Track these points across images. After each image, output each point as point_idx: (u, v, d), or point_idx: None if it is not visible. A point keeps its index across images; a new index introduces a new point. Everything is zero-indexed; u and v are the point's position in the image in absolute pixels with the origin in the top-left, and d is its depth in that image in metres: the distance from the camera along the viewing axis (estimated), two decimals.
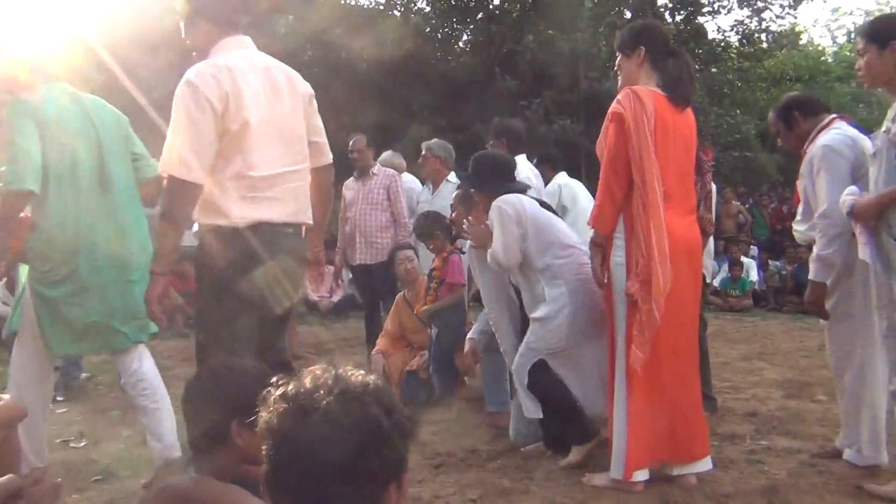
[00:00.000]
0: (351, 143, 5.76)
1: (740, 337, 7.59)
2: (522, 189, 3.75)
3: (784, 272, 10.15)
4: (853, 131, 3.21)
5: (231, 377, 1.83)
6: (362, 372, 1.22)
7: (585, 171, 9.98)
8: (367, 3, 14.29)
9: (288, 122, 2.78)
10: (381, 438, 1.15)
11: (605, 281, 3.15)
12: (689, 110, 3.22)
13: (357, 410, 1.14)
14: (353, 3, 14.26)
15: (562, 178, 5.19)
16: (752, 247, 11.38)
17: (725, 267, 10.20)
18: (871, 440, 3.18)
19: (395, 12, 13.88)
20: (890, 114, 2.87)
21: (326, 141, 3.03)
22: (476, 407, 4.49)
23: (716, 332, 7.87)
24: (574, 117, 11.95)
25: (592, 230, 3.15)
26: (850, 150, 3.10)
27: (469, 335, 4.25)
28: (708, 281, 4.12)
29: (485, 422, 4.16)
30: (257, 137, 2.64)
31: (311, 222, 2.94)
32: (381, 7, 13.81)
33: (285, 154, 2.75)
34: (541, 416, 3.47)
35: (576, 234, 4.22)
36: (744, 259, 10.21)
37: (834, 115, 3.33)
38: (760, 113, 16.31)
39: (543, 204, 3.79)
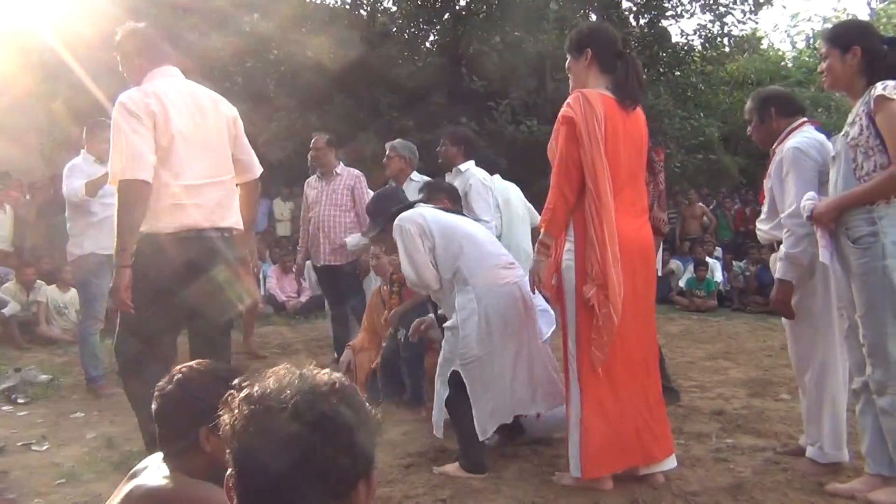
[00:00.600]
0: (312, 141, 5.70)
1: (706, 337, 7.70)
2: (411, 205, 3.73)
3: (747, 273, 10.31)
4: (821, 136, 3.29)
5: (200, 381, 1.79)
6: (328, 371, 1.20)
7: None
8: (334, 2, 14.22)
9: (212, 138, 3.16)
10: (350, 436, 1.13)
11: (553, 283, 3.17)
12: (639, 111, 3.25)
13: (325, 409, 1.13)
14: (318, 1, 14.16)
15: (496, 180, 5.28)
16: (716, 248, 11.54)
17: (691, 268, 10.34)
18: (833, 438, 3.25)
19: (362, 11, 13.82)
20: (849, 118, 2.94)
21: (253, 158, 3.45)
22: None
23: (682, 332, 7.98)
24: (541, 118, 11.98)
25: (543, 231, 3.14)
26: (818, 154, 3.18)
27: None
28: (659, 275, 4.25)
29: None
30: (183, 151, 3.02)
31: (238, 227, 3.29)
32: (348, 6, 13.74)
33: (209, 166, 3.13)
34: (440, 435, 3.48)
35: (511, 234, 4.26)
36: (709, 260, 10.35)
37: (805, 119, 3.40)
38: (723, 116, 16.57)
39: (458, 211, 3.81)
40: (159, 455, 1.81)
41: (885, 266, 2.74)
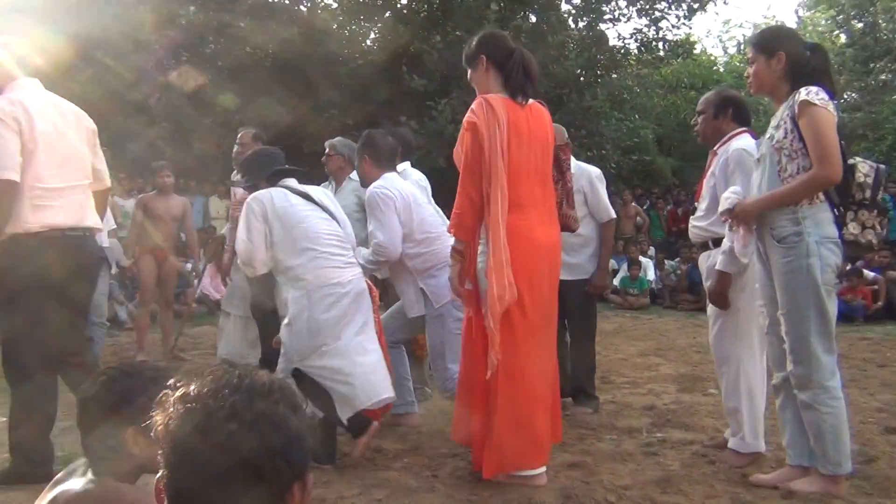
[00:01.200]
0: (238, 136, 5.53)
1: (638, 334, 7.88)
2: (293, 175, 3.76)
3: (679, 272, 10.59)
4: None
5: (125, 382, 1.75)
6: (266, 372, 1.19)
7: None
8: None
9: (73, 146, 3.38)
10: (287, 437, 1.12)
11: (467, 288, 3.22)
12: (543, 111, 3.32)
13: (263, 409, 1.11)
14: None
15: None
16: (650, 247, 11.82)
17: (624, 266, 10.57)
18: (752, 429, 3.41)
19: (302, 7, 13.65)
20: (773, 121, 3.06)
21: (106, 168, 3.69)
22: None
23: (615, 329, 8.14)
24: None
25: (453, 237, 3.18)
26: None
27: None
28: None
29: (390, 421, 4.15)
30: (46, 156, 3.20)
31: (98, 227, 3.56)
32: (287, 2, 13.56)
33: (70, 171, 3.35)
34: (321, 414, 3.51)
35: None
36: (642, 259, 10.60)
37: (745, 129, 3.57)
38: (658, 118, 16.98)
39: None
40: (83, 461, 1.76)
41: (808, 265, 2.86)
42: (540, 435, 3.14)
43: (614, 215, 4.64)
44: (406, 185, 4.16)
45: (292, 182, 3.74)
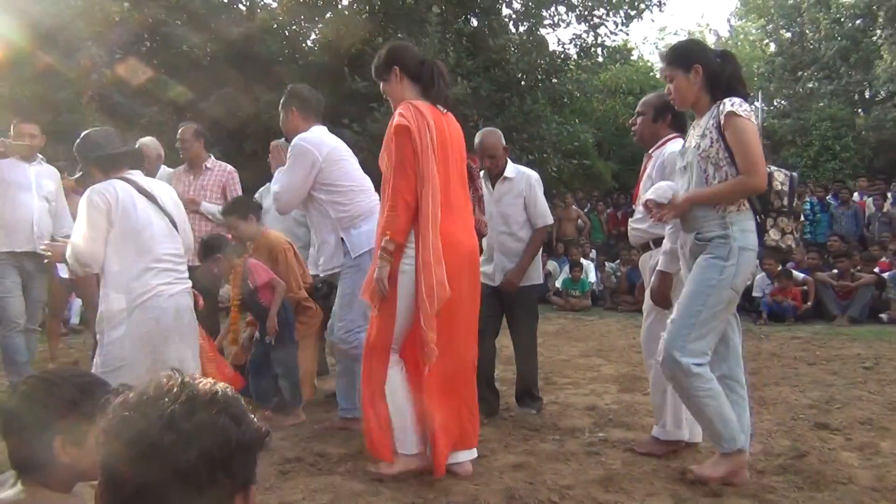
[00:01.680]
0: (179, 131, 5.43)
1: (580, 335, 7.98)
2: (132, 162, 3.50)
3: (619, 273, 10.78)
4: None
5: (48, 391, 1.68)
6: (211, 380, 1.16)
7: None
8: None
9: None
10: (229, 449, 1.09)
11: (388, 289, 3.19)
12: (453, 118, 3.38)
13: (204, 419, 1.08)
14: None
15: None
16: (591, 250, 12.00)
17: (566, 268, 10.70)
18: (674, 418, 3.60)
19: (241, 6, 13.43)
20: (697, 130, 3.15)
21: None
22: (327, 410, 4.44)
23: (558, 330, 8.24)
24: None
25: (387, 237, 3.14)
26: None
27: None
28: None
29: (335, 426, 4.11)
30: None
31: None
32: (226, 1, 13.32)
33: None
34: None
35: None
36: (583, 261, 10.74)
37: (679, 135, 3.67)
38: (597, 122, 17.26)
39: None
40: (13, 472, 1.68)
41: (725, 266, 2.98)
42: (451, 429, 3.23)
43: (551, 221, 4.68)
44: (334, 138, 4.07)
45: (137, 176, 3.49)
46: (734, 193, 2.99)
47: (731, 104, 2.96)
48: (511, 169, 4.42)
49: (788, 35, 23.72)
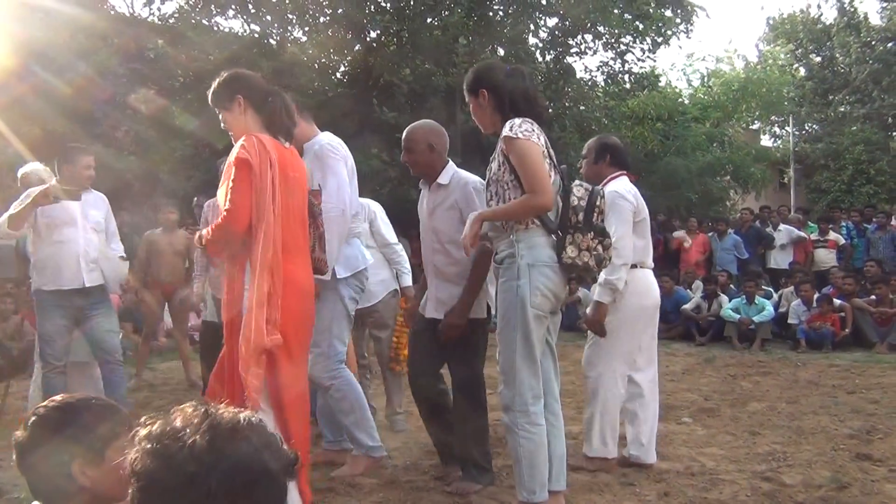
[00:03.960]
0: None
1: None
2: None
3: None
4: (632, 186, 3.86)
5: (62, 418, 1.69)
6: (235, 409, 1.17)
7: None
8: (242, 30, 14.06)
9: None
10: (252, 477, 1.10)
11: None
12: (297, 155, 3.22)
13: (226, 449, 1.10)
14: (226, 30, 13.98)
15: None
16: None
17: None
18: (601, 437, 3.77)
19: (271, 41, 13.71)
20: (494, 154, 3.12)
21: None
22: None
23: None
24: (451, 150, 12.13)
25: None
26: (634, 198, 3.76)
27: None
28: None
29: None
30: None
31: None
32: (257, 35, 13.61)
33: None
34: None
35: None
36: None
37: (624, 172, 3.91)
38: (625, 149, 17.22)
39: None
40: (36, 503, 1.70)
41: (518, 286, 2.95)
42: None
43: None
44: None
45: None
46: (521, 212, 2.96)
47: (509, 128, 2.95)
48: (446, 174, 3.65)
49: (818, 59, 23.56)
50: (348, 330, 3.82)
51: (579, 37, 14.33)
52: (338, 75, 13.98)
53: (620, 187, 3.74)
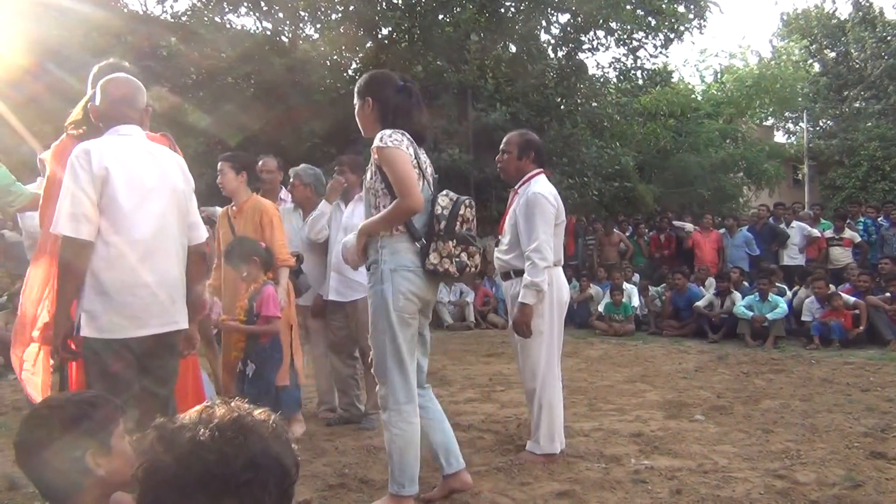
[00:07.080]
0: (260, 163, 5.32)
1: (624, 360, 7.86)
2: None
3: (663, 297, 10.62)
4: (552, 187, 3.95)
5: (50, 413, 1.71)
6: (248, 406, 1.21)
7: (475, 198, 10.15)
8: (254, 28, 14.11)
9: None
10: (269, 472, 1.14)
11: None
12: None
13: (224, 448, 1.13)
14: (239, 27, 14.03)
15: None
16: (634, 273, 11.84)
17: (608, 293, 10.58)
18: (548, 434, 3.87)
19: (283, 38, 13.75)
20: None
21: None
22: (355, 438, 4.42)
23: (601, 356, 8.13)
24: (463, 147, 12.14)
25: None
26: (556, 200, 3.88)
27: None
28: None
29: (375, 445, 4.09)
30: None
31: None
32: (269, 33, 13.65)
33: None
34: None
35: None
36: (626, 285, 10.61)
37: (542, 171, 4.01)
38: (638, 145, 17.16)
39: None
40: None
41: (382, 290, 3.05)
42: None
43: (205, 236, 3.14)
44: None
45: None
46: (393, 217, 3.03)
47: (379, 139, 3.04)
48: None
49: (833, 55, 23.37)
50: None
51: (591, 33, 14.27)
52: (349, 72, 13.99)
53: (544, 189, 3.86)
